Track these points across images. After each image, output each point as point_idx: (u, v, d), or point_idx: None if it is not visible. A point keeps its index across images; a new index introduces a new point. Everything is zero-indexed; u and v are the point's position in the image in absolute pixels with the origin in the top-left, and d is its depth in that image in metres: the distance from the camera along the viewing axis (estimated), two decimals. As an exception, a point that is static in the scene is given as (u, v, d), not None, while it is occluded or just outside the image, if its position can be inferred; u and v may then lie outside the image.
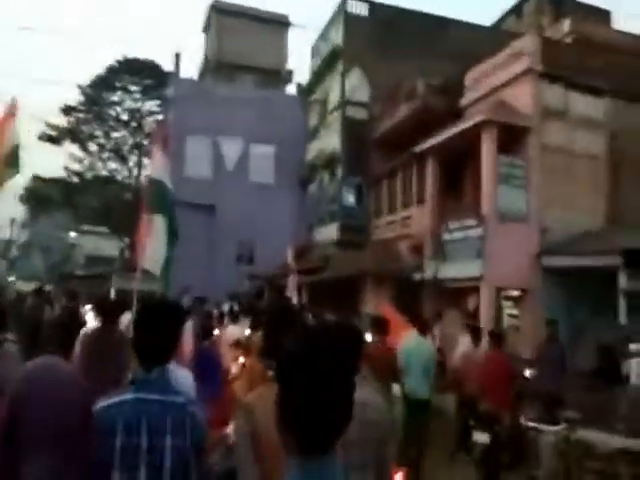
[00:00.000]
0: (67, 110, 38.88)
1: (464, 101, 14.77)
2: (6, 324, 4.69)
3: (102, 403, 1.99)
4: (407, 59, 17.99)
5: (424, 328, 6.86)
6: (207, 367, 5.40)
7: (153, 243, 8.35)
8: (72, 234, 40.85)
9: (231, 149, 23.19)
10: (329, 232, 18.88)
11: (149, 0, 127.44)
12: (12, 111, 7.60)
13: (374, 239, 17.45)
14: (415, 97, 16.10)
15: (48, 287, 20.35)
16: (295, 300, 12.45)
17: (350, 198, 18.51)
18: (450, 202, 14.08)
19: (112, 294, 19.23)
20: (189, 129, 22.97)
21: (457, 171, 14.43)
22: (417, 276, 13.53)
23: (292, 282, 13.91)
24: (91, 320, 6.16)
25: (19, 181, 40.62)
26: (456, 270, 12.32)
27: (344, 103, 19.24)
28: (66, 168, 39.54)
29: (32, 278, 32.21)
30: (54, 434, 1.70)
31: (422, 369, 6.43)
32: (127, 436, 1.95)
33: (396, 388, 6.31)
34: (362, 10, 19.47)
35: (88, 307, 11.05)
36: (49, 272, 37.48)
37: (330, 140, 19.79)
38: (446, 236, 12.98)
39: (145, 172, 40.78)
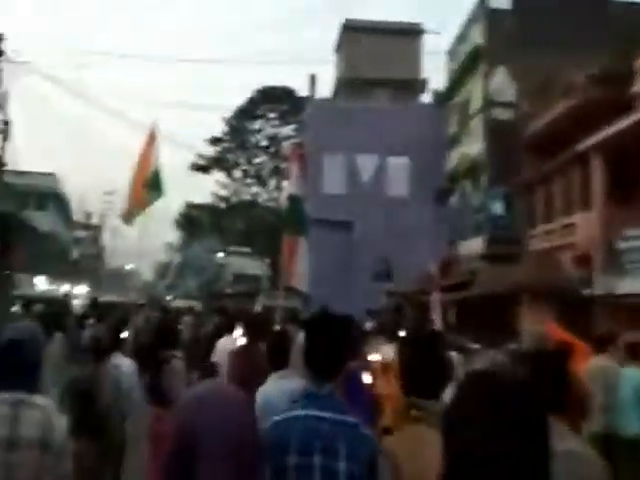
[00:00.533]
0: (214, 141, 41.86)
1: (636, 89, 12.72)
2: (176, 342, 5.14)
3: (274, 419, 1.96)
4: (558, 50, 16.13)
5: (634, 352, 5.55)
6: (354, 391, 4.77)
7: (300, 262, 8.43)
8: (220, 255, 43.46)
9: (366, 164, 22.77)
10: (474, 245, 17.43)
11: (280, 28, 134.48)
12: (153, 138, 7.92)
13: (528, 251, 15.68)
14: (573, 90, 14.28)
15: (198, 305, 21.44)
16: (440, 319, 11.34)
17: (497, 207, 16.95)
18: (623, 206, 12.07)
19: (258, 311, 19.63)
20: (325, 148, 23.01)
21: (629, 169, 12.39)
22: (585, 291, 11.70)
23: (435, 299, 12.78)
24: (238, 337, 6.13)
25: (174, 208, 44.46)
26: (638, 284, 10.36)
27: (487, 104, 17.83)
28: (214, 194, 42.42)
29: (187, 296, 34.50)
30: (227, 450, 1.82)
31: (634, 399, 5.15)
32: (300, 455, 1.89)
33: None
34: (504, 3, 18.02)
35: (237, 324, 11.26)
36: (201, 290, 40.01)
37: (473, 145, 18.46)
38: (622, 245, 11.06)
39: (283, 194, 42.42)
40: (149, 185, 7.60)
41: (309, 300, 17.43)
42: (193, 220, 45.07)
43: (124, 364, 5.06)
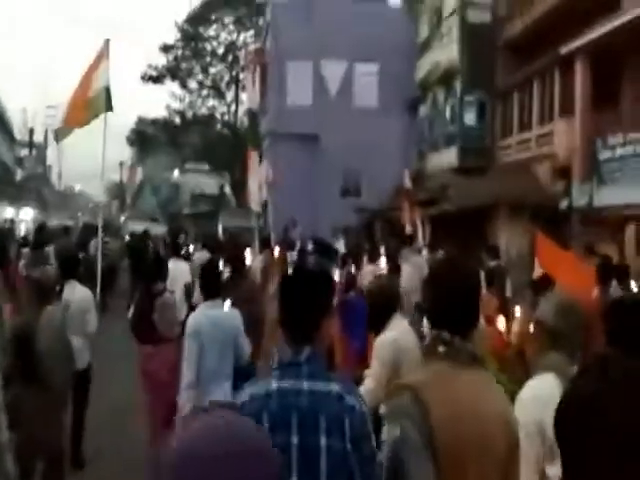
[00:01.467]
0: (166, 48, 38.74)
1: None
2: (164, 274, 4.97)
3: (244, 394, 1.75)
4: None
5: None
6: (353, 322, 4.30)
7: (252, 179, 8.60)
8: (176, 173, 41.72)
9: (333, 71, 21.32)
10: (446, 157, 16.77)
11: None
12: (104, 53, 7.87)
13: (502, 163, 15.14)
14: (556, -13, 13.18)
15: (154, 227, 20.49)
16: (419, 235, 10.83)
17: (470, 117, 16.16)
18: (606, 113, 11.49)
19: (220, 232, 18.87)
20: (288, 54, 21.34)
21: (614, 75, 11.74)
22: (563, 204, 11.32)
23: (408, 214, 12.17)
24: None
25: (125, 123, 41.81)
26: (620, 195, 9.99)
27: (462, 6, 16.52)
28: (168, 107, 39.91)
29: (143, 217, 33.19)
30: None
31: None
32: (275, 434, 1.63)
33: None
34: None
35: (196, 246, 10.63)
36: (158, 210, 38.63)
37: (446, 51, 17.29)
38: (604, 154, 10.57)
39: (243, 107, 40.49)
40: (94, 102, 7.58)
41: (264, 219, 16.69)
42: (146, 136, 42.61)
43: (77, 298, 4.74)
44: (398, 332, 3.15)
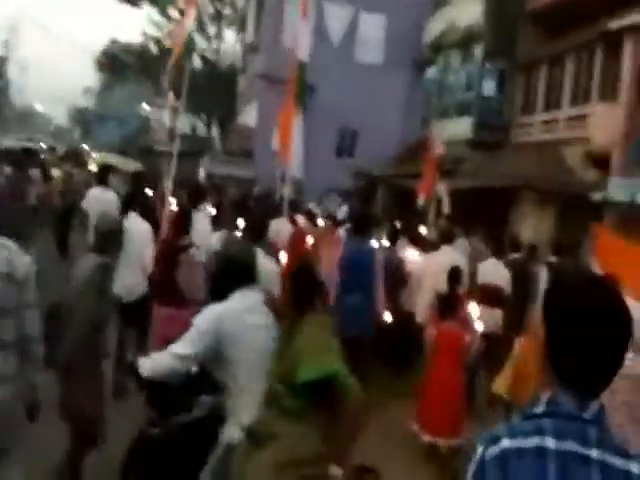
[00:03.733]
0: (145, -32, 35.36)
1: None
2: (188, 225, 4.60)
3: (504, 443, 1.19)
4: None
5: None
6: None
7: (295, 143, 8.07)
8: (146, 107, 39.00)
9: (336, 16, 19.51)
10: (457, 128, 15.61)
11: None
12: None
13: (520, 141, 14.13)
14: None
15: (128, 162, 18.77)
16: (445, 208, 9.79)
17: (490, 87, 14.99)
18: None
19: (201, 177, 17.34)
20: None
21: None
22: (596, 196, 10.47)
23: (430, 184, 10.91)
24: None
25: (96, 44, 38.46)
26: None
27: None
28: (144, 33, 36.90)
29: (107, 148, 30.89)
30: None
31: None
32: None
33: None
34: None
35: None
36: (124, 143, 36.09)
37: (467, 10, 15.87)
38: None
39: (223, 44, 37.87)
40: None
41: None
42: (117, 61, 39.47)
43: (137, 230, 4.74)
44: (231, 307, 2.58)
